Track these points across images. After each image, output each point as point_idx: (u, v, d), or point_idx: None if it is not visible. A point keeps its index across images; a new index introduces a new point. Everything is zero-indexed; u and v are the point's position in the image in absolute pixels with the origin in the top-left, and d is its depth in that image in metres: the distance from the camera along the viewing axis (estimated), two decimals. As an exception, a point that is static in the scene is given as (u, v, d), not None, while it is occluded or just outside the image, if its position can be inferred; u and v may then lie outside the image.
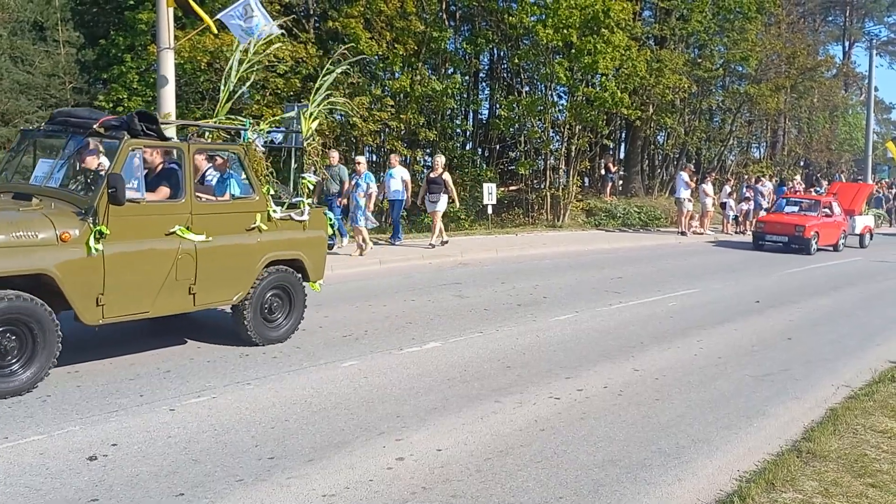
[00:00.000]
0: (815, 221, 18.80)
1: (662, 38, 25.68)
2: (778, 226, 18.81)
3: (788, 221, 18.70)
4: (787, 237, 18.39)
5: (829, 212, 19.82)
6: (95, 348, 6.84)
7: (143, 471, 4.45)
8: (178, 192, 6.61)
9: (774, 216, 19.75)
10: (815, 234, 18.46)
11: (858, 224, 21.49)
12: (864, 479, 4.87)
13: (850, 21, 46.26)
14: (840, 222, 20.14)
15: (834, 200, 20.78)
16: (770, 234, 18.80)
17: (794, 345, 8.79)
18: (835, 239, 19.72)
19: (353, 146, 22.09)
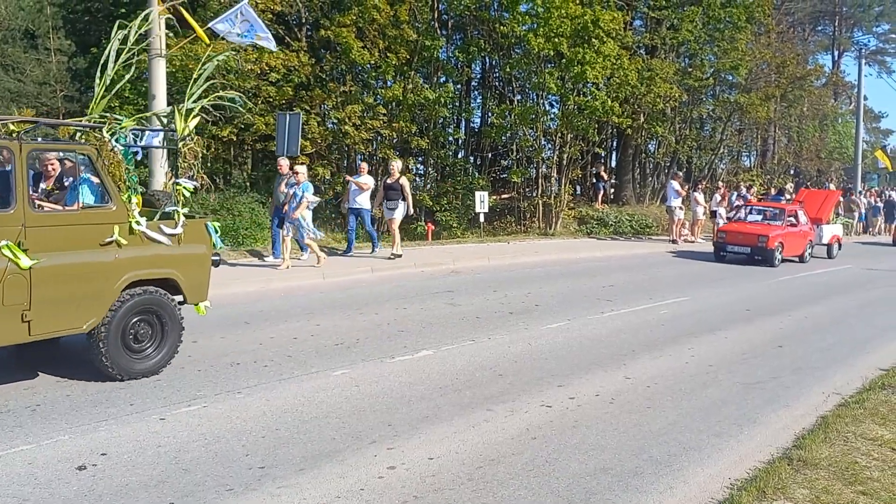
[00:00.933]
0: (780, 231, 17.66)
1: (653, 47, 25.82)
2: (740, 236, 17.56)
3: (751, 231, 17.49)
4: (750, 248, 17.19)
5: (795, 221, 18.60)
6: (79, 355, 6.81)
7: (133, 480, 4.43)
8: (5, 200, 5.62)
9: (737, 225, 18.51)
10: (779, 245, 17.34)
11: (826, 233, 20.37)
12: (854, 486, 4.88)
13: (840, 30, 46.65)
14: (806, 232, 18.89)
15: (800, 209, 19.46)
16: (732, 245, 17.59)
17: (785, 353, 8.82)
18: (800, 249, 18.57)
19: (346, 154, 22.11)
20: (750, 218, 18.98)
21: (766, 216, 18.80)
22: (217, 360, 7.01)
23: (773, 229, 17.52)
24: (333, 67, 20.83)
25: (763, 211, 19.29)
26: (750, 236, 17.24)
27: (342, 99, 20.23)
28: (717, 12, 25.09)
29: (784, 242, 17.51)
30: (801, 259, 18.54)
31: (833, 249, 20.58)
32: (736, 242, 17.45)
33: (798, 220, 18.68)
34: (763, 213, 19.08)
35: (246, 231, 14.59)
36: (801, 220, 18.77)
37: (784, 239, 17.54)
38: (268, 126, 19.09)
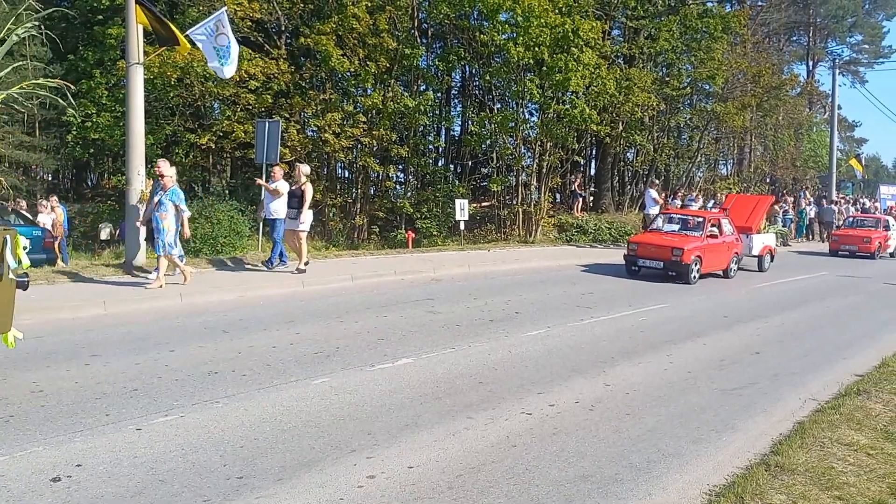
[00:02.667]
0: (697, 243, 15.39)
1: (631, 56, 26.07)
2: (652, 248, 15.37)
3: (664, 243, 15.23)
4: (663, 262, 15.06)
5: (717, 231, 16.30)
6: (57, 365, 6.72)
7: (108, 492, 4.36)
8: None
9: (650, 236, 16.27)
10: (697, 259, 15.14)
11: (756, 244, 18.33)
12: (831, 491, 4.92)
13: (814, 41, 47.41)
14: (731, 243, 16.66)
15: (724, 217, 17.32)
16: (643, 259, 15.44)
17: (762, 359, 8.90)
18: (724, 263, 16.43)
19: (326, 162, 22.06)
20: (667, 228, 16.62)
21: (684, 226, 16.45)
22: (195, 369, 6.94)
23: (689, 241, 15.35)
24: (313, 75, 20.82)
25: (682, 220, 16.88)
26: (663, 249, 15.09)
27: (322, 107, 20.21)
28: (694, 22, 25.41)
29: (703, 256, 15.33)
30: (725, 274, 16.52)
31: (764, 262, 18.57)
32: (648, 256, 15.33)
33: (721, 230, 16.46)
34: (682, 223, 16.66)
35: (225, 239, 14.50)
36: (724, 230, 16.58)
37: (703, 252, 15.37)
38: (247, 134, 19.02)
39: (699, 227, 16.08)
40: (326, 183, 21.99)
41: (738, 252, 17.00)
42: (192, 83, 19.30)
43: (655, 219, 17.81)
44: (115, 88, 20.11)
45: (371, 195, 22.86)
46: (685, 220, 16.76)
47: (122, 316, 9.12)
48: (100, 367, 6.81)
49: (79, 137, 20.79)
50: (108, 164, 26.83)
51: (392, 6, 20.37)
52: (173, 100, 19.97)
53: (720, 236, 16.25)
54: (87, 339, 7.83)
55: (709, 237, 15.79)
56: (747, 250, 18.00)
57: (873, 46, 49.57)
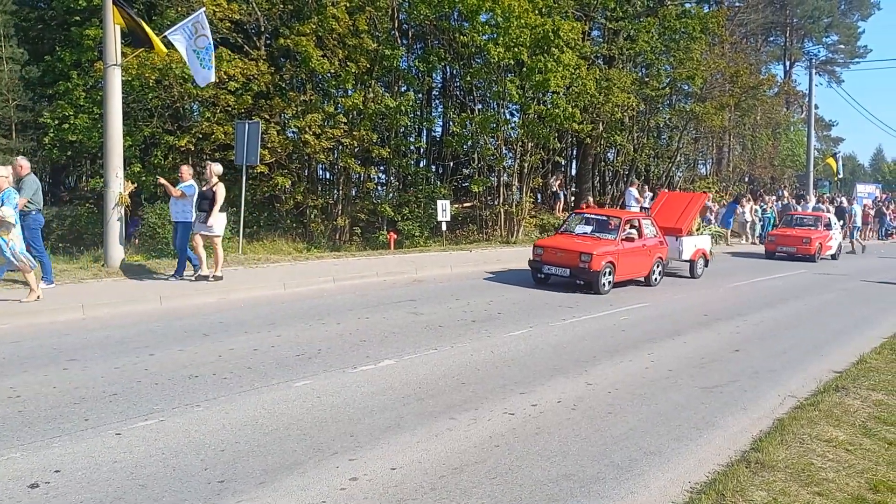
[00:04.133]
0: (610, 248, 13.48)
1: (611, 57, 26.20)
2: (559, 253, 13.41)
3: (573, 248, 13.33)
4: (570, 269, 13.20)
5: (636, 234, 14.43)
6: (35, 370, 6.64)
7: (88, 498, 4.32)
8: None
9: (558, 239, 14.30)
10: (609, 266, 13.26)
11: (686, 247, 16.35)
12: (810, 487, 4.97)
13: (791, 41, 47.92)
14: (654, 247, 14.76)
15: (646, 218, 15.69)
16: (549, 265, 13.50)
17: (742, 357, 8.98)
18: (644, 270, 14.50)
19: (307, 164, 21.98)
20: (579, 230, 14.77)
21: (600, 227, 14.54)
22: (175, 372, 6.88)
23: (601, 245, 13.45)
24: (293, 76, 20.72)
25: (597, 221, 14.91)
26: (570, 254, 13.21)
27: (302, 108, 20.12)
28: (673, 23, 25.60)
29: (617, 261, 13.47)
30: (647, 282, 14.65)
31: (696, 267, 16.58)
32: (554, 262, 13.43)
33: (641, 232, 14.61)
34: (597, 224, 14.76)
35: (205, 241, 14.38)
36: (645, 231, 14.75)
37: (617, 257, 13.53)
38: (227, 135, 18.89)
39: (614, 229, 14.16)
40: (307, 184, 21.91)
41: (664, 257, 15.09)
42: (170, 84, 19.14)
43: (567, 219, 15.83)
44: (93, 90, 19.90)
45: (352, 196, 22.80)
46: (601, 220, 14.77)
47: (100, 319, 9.02)
48: (78, 372, 6.74)
49: (56, 139, 20.55)
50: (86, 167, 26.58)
51: (372, 7, 20.33)
52: (152, 101, 19.80)
53: (640, 239, 14.41)
54: (65, 344, 7.75)
55: (625, 240, 13.89)
56: (676, 254, 16.14)
57: (849, 46, 50.18)
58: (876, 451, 5.77)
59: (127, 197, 12.34)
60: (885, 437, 6.10)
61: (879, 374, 8.14)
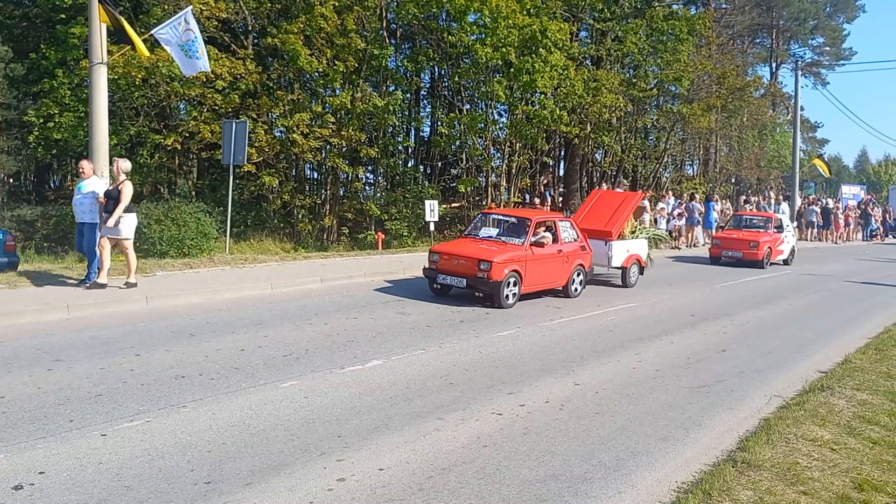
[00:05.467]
0: (515, 254, 11.63)
1: (598, 58, 26.29)
2: (456, 262, 11.58)
3: (471, 254, 11.48)
4: (467, 279, 11.38)
5: (550, 238, 12.48)
6: (19, 370, 6.58)
7: (72, 499, 4.28)
8: None
9: (458, 244, 12.41)
10: (514, 275, 11.45)
11: (617, 252, 14.31)
12: (796, 487, 5.00)
13: (777, 43, 48.22)
14: (573, 252, 12.83)
15: (565, 220, 13.67)
16: (445, 274, 11.66)
17: (728, 357, 9.02)
18: (560, 278, 12.59)
19: (294, 163, 21.92)
20: (484, 233, 12.84)
21: (508, 230, 12.66)
22: (161, 373, 6.84)
23: (505, 251, 11.64)
24: (281, 75, 20.66)
25: (506, 223, 13.00)
26: (468, 262, 11.42)
27: (290, 107, 20.06)
28: (660, 25, 25.72)
29: (523, 270, 11.66)
30: (565, 292, 12.78)
31: (629, 275, 14.61)
32: (450, 270, 11.63)
33: (557, 236, 12.66)
34: (505, 227, 12.87)
35: (192, 241, 14.32)
36: (562, 236, 12.76)
37: (524, 265, 11.70)
38: (213, 134, 18.81)
39: (520, 231, 12.30)
40: (295, 184, 21.85)
41: (585, 264, 13.18)
42: (157, 83, 19.03)
43: (474, 221, 13.82)
44: (79, 88, 19.75)
45: (340, 196, 22.75)
46: (509, 223, 12.87)
47: (86, 320, 8.95)
48: (63, 373, 6.68)
49: (41, 138, 20.39)
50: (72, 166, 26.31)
51: (360, 6, 20.29)
52: (138, 100, 19.68)
53: (555, 244, 12.50)
54: (49, 344, 7.68)
55: (534, 246, 11.98)
56: (605, 260, 14.23)
57: (834, 48, 50.55)
58: (860, 450, 5.82)
59: None
60: (869, 436, 6.14)
61: (864, 373, 8.21)
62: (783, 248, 20.93)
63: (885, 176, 77.12)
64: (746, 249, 19.65)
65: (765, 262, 19.67)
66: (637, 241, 15.19)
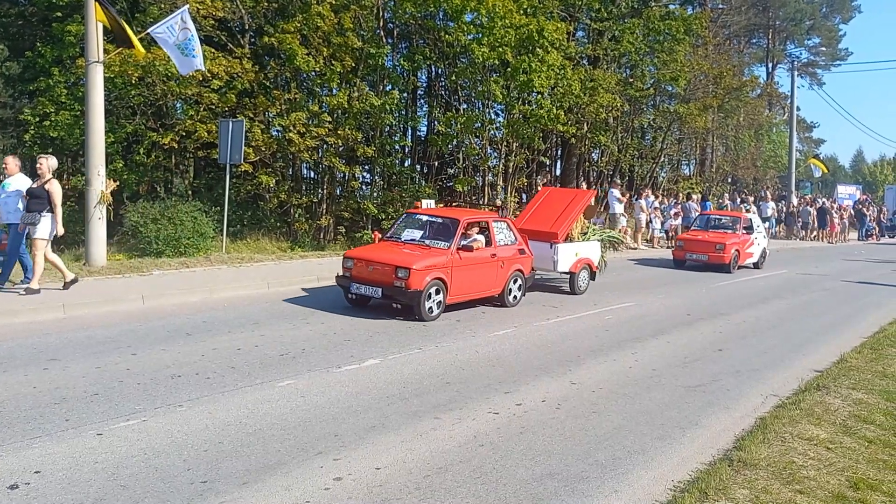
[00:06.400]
0: (440, 259, 10.28)
1: (595, 57, 26.28)
2: (371, 267, 10.22)
3: (388, 260, 10.13)
4: (382, 288, 10.01)
5: (483, 241, 11.18)
6: (14, 370, 6.57)
7: (68, 499, 4.27)
8: None
9: (378, 249, 10.96)
10: (437, 284, 10.09)
11: (564, 256, 13.01)
12: (792, 485, 5.01)
13: (773, 43, 48.31)
14: (510, 257, 11.46)
15: (501, 220, 12.08)
16: (359, 283, 10.27)
17: (725, 356, 9.04)
18: (494, 286, 11.22)
19: (291, 163, 21.87)
20: (407, 235, 11.21)
21: (434, 232, 11.06)
22: (158, 372, 6.83)
23: (427, 256, 10.28)
24: (277, 74, 20.60)
25: (432, 224, 11.28)
26: (384, 269, 10.07)
27: (286, 106, 20.01)
28: (657, 24, 25.71)
29: (449, 278, 10.32)
30: (501, 301, 11.45)
31: (578, 281, 13.31)
32: (364, 279, 10.25)
33: (492, 238, 11.36)
34: (431, 229, 11.18)
35: (188, 240, 14.28)
36: (498, 238, 11.44)
37: (449, 271, 10.35)
38: (210, 133, 18.76)
39: (443, 235, 10.90)
40: (292, 183, 21.78)
41: (525, 269, 11.83)
42: (153, 82, 18.97)
43: (398, 222, 12.00)
44: (75, 87, 19.68)
45: (337, 195, 22.71)
46: (435, 224, 11.25)
47: (82, 319, 8.93)
48: (59, 372, 6.67)
49: (37, 137, 20.30)
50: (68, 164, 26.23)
51: (357, 5, 20.24)
52: (134, 99, 19.60)
53: (489, 247, 11.21)
54: (45, 343, 7.67)
55: (462, 250, 10.60)
56: (549, 265, 13.03)
57: (830, 49, 50.63)
58: (856, 449, 5.83)
59: (109, 195, 12.24)
60: (864, 435, 6.16)
61: (859, 373, 8.23)
62: (753, 250, 19.47)
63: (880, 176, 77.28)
64: (712, 252, 18.18)
65: (732, 267, 18.17)
66: (587, 244, 13.99)
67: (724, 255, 18.00)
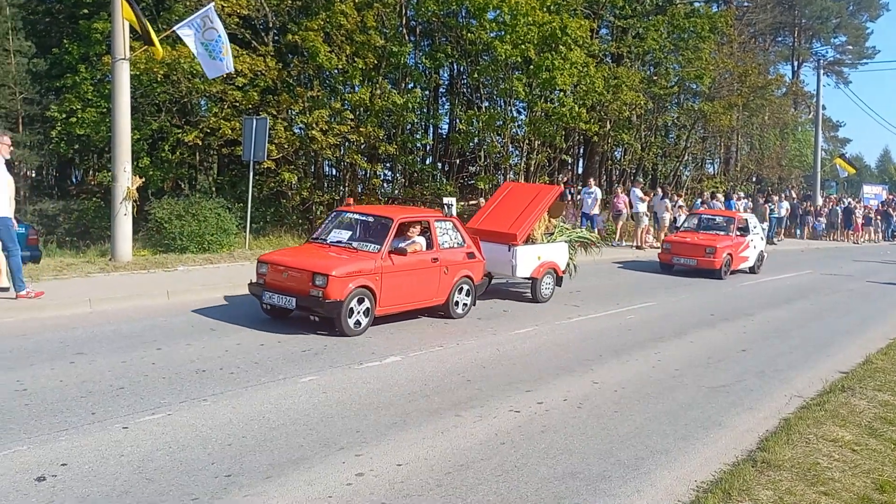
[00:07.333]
0: (367, 265, 8.82)
1: (619, 55, 26.16)
2: (286, 274, 8.78)
3: (305, 266, 8.69)
4: (296, 297, 8.54)
5: (423, 243, 9.73)
6: (41, 363, 6.67)
7: (94, 491, 4.33)
8: None
9: (297, 252, 9.85)
10: (363, 292, 8.65)
11: (523, 260, 11.51)
12: (816, 487, 4.96)
13: (799, 42, 47.72)
14: (457, 261, 10.07)
15: (445, 220, 10.51)
16: (273, 292, 8.80)
17: (748, 356, 8.96)
18: (436, 294, 9.78)
19: (313, 160, 21.99)
20: (335, 237, 9.71)
21: (362, 233, 9.77)
22: (182, 367, 6.90)
23: (352, 261, 8.84)
24: (300, 72, 20.73)
25: (359, 223, 9.96)
26: (301, 276, 8.62)
27: (309, 104, 20.11)
28: (682, 22, 25.53)
29: (378, 286, 8.86)
30: (446, 311, 10.01)
31: (541, 287, 11.85)
32: (279, 287, 8.81)
33: (433, 241, 9.86)
34: (358, 228, 9.90)
35: (212, 237, 14.40)
36: (441, 240, 10.00)
37: (379, 279, 8.87)
38: (234, 131, 18.91)
39: (375, 236, 9.46)
40: (314, 180, 21.91)
41: (475, 275, 10.35)
42: (178, 79, 19.16)
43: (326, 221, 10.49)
44: (101, 84, 19.93)
45: (359, 193, 22.80)
46: (366, 223, 9.87)
47: (108, 314, 9.04)
48: (85, 366, 6.76)
49: (63, 133, 20.59)
50: (94, 161, 26.61)
51: (380, 3, 20.30)
52: (160, 96, 19.82)
53: (429, 250, 9.79)
54: (72, 337, 7.77)
55: (395, 254, 9.17)
56: (507, 270, 11.54)
57: (857, 47, 49.99)
58: (882, 451, 5.76)
59: (135, 191, 12.37)
60: (891, 437, 6.09)
61: (885, 374, 8.13)
62: (748, 253, 17.58)
63: (907, 176, 76.13)
64: (701, 256, 16.30)
65: (723, 272, 16.36)
66: (552, 246, 12.40)
67: (715, 259, 16.21)
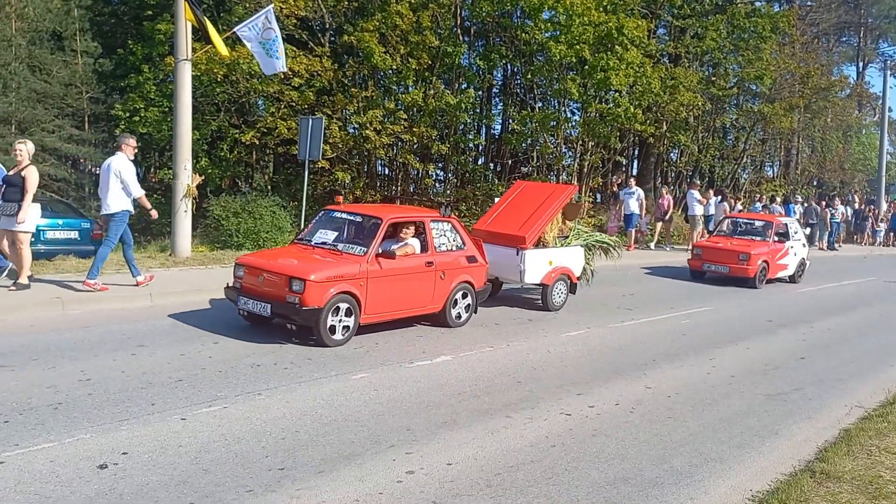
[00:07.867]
0: (351, 269, 8.08)
1: (677, 55, 25.73)
2: (262, 278, 8.08)
3: (282, 269, 7.99)
4: (272, 304, 7.83)
5: (417, 245, 9.02)
6: (104, 354, 6.88)
7: (153, 480, 4.45)
8: None
9: (274, 255, 9.34)
10: (345, 299, 7.92)
11: (532, 265, 10.66)
12: (878, 500, 4.81)
13: (865, 42, 46.18)
14: (454, 266, 9.28)
15: (443, 220, 9.47)
16: (248, 297, 8.12)
17: (807, 364, 8.73)
18: (431, 301, 9.04)
19: (366, 160, 22.19)
20: (319, 238, 8.93)
21: (348, 234, 9.07)
22: (238, 361, 7.04)
23: (336, 265, 8.13)
24: (355, 72, 20.94)
25: (346, 224, 9.22)
26: (277, 280, 7.93)
27: (363, 104, 20.32)
28: (742, 22, 24.98)
29: (363, 292, 8.13)
30: (444, 320, 9.27)
31: (551, 294, 10.98)
32: (254, 292, 8.13)
33: (428, 242, 9.07)
34: (344, 229, 9.15)
35: (267, 234, 14.67)
36: (437, 242, 9.19)
37: (364, 284, 8.14)
38: (290, 130, 19.23)
39: (361, 238, 8.76)
40: (367, 180, 22.12)
41: (475, 281, 9.58)
42: (237, 80, 19.56)
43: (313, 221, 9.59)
44: (163, 84, 20.49)
45: (411, 192, 22.93)
46: (355, 224, 9.14)
47: (167, 308, 9.27)
48: (146, 358, 6.95)
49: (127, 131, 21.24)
50: (155, 159, 27.37)
51: (435, 4, 20.38)
52: (219, 96, 20.28)
53: (423, 254, 9.00)
54: (133, 330, 8.00)
55: (383, 257, 8.38)
56: (515, 275, 10.77)
57: (927, 47, 48.14)
58: (950, 467, 5.54)
59: (194, 189, 12.67)
60: (959, 453, 5.85)
61: (954, 387, 7.82)
62: (787, 261, 16.27)
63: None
64: (734, 263, 15.17)
65: (758, 281, 15.17)
66: (566, 250, 11.47)
67: (749, 266, 14.99)
